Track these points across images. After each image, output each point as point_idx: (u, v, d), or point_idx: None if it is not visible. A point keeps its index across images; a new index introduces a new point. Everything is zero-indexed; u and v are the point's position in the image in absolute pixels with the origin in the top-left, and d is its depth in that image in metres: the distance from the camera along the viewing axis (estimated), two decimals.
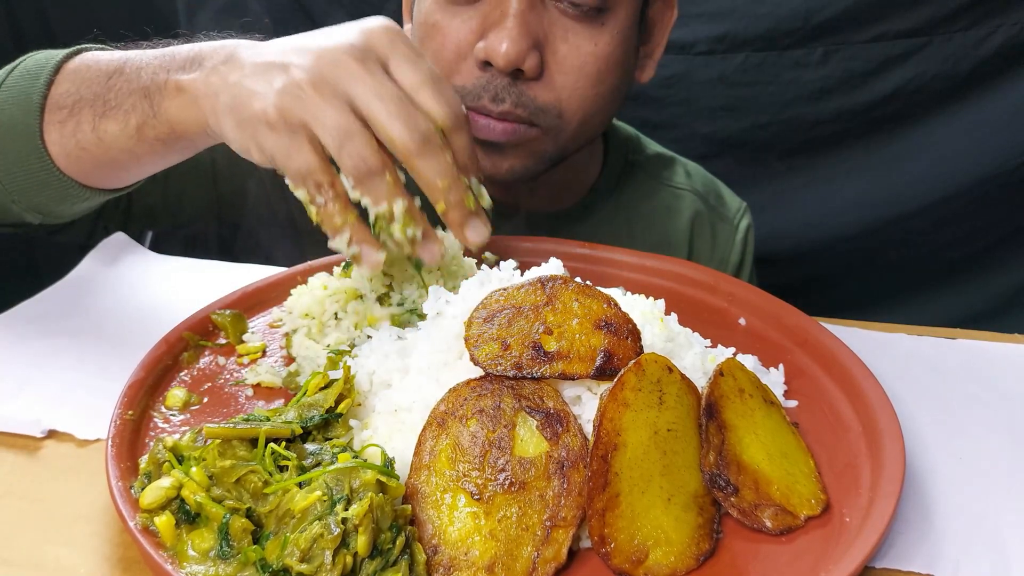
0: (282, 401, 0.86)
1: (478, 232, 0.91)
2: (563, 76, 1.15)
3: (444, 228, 0.94)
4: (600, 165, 1.46)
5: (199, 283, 1.12)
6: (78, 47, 1.05)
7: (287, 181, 0.87)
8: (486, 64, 1.13)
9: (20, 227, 1.11)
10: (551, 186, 1.34)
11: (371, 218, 0.86)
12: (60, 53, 1.03)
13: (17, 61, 1.07)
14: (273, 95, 0.83)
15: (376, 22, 0.88)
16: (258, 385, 0.88)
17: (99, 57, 1.02)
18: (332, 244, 0.87)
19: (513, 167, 1.20)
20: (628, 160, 1.49)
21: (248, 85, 0.85)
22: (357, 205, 0.86)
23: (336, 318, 0.96)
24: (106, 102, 0.97)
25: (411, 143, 0.82)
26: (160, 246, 1.28)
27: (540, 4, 1.13)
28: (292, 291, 1.00)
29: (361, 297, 0.96)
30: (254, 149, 0.86)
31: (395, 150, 0.83)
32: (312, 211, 0.86)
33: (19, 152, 1.00)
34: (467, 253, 1.00)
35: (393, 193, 0.85)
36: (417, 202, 0.88)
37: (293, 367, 0.91)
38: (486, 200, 0.93)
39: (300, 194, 0.86)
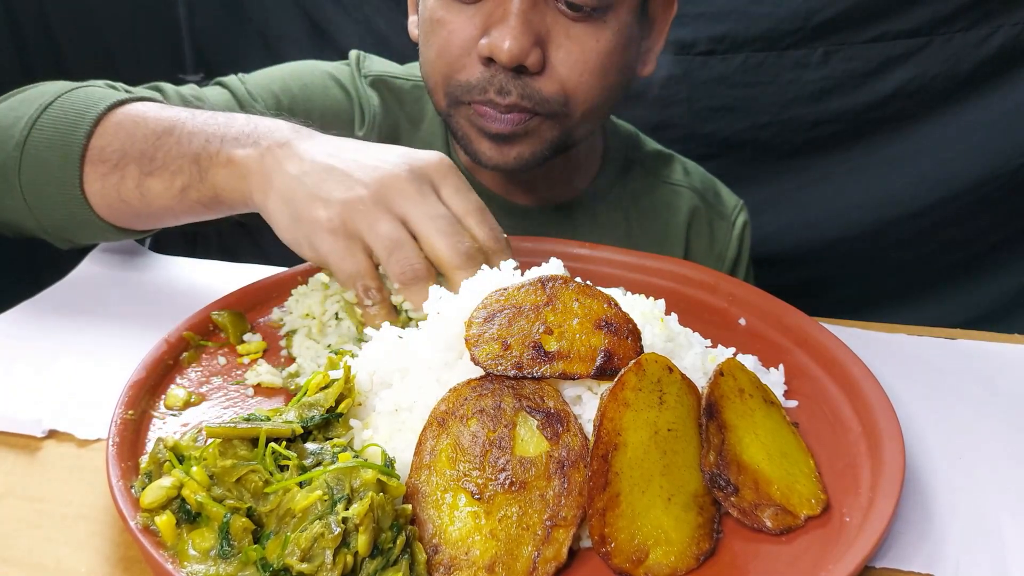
0: (282, 401, 0.86)
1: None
2: (567, 71, 1.18)
3: None
4: (599, 161, 1.47)
5: (199, 283, 1.12)
6: (125, 97, 1.08)
7: (336, 280, 0.94)
8: (489, 60, 1.15)
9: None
10: (551, 180, 1.36)
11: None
12: (104, 100, 1.06)
13: (38, 89, 1.11)
14: (337, 205, 0.89)
15: (432, 154, 0.95)
16: (258, 385, 0.88)
17: (147, 112, 1.05)
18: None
19: (520, 154, 1.23)
20: (627, 157, 1.51)
21: (310, 187, 0.91)
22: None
23: (336, 318, 0.96)
24: (152, 160, 1.01)
25: (456, 257, 0.89)
26: (160, 246, 1.28)
27: (542, 3, 1.15)
28: (292, 291, 1.00)
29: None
30: (306, 246, 0.92)
31: (440, 264, 0.90)
32: (358, 312, 0.93)
33: (58, 197, 1.05)
34: None
35: (421, 298, 0.90)
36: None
37: (293, 367, 0.91)
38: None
39: (349, 296, 0.94)
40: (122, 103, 1.07)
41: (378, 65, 1.47)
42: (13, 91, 1.16)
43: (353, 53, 1.47)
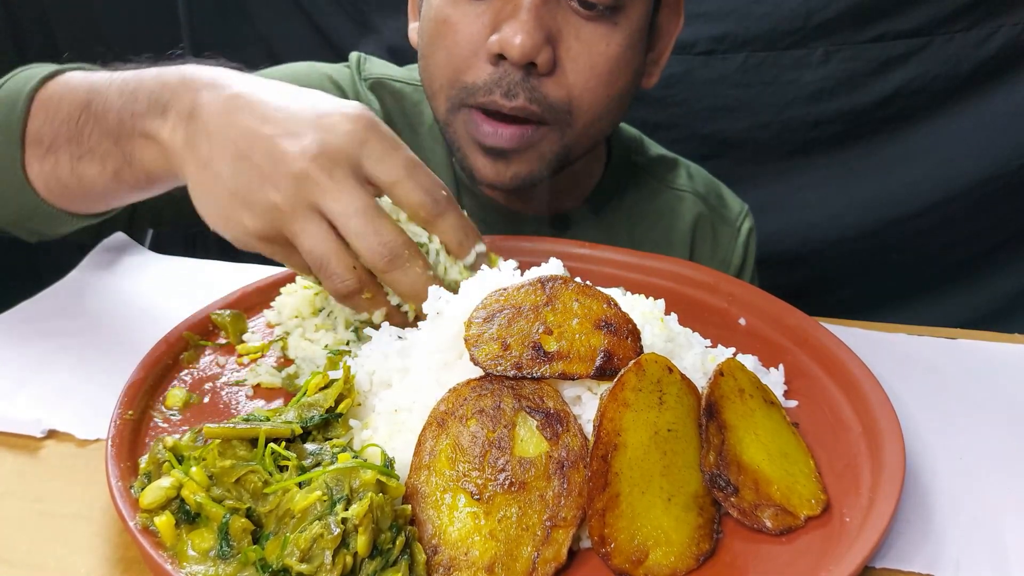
0: (282, 401, 0.86)
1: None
2: (576, 74, 1.16)
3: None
4: (603, 166, 1.46)
5: (199, 283, 1.12)
6: (53, 70, 1.05)
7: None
8: (499, 58, 1.13)
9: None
10: (554, 188, 1.34)
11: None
12: (36, 77, 1.04)
13: (8, 75, 1.09)
14: (260, 215, 0.85)
15: (351, 116, 0.87)
16: (258, 385, 0.88)
17: (70, 84, 1.02)
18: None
19: (518, 173, 1.20)
20: (631, 162, 1.49)
21: (227, 181, 0.85)
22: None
23: (330, 316, 0.96)
24: (80, 144, 0.98)
25: (379, 260, 0.85)
26: (160, 246, 1.28)
27: (554, 1, 1.13)
28: (281, 290, 1.00)
29: None
30: (240, 245, 0.89)
31: (367, 265, 0.86)
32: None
33: (5, 184, 1.03)
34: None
35: (373, 306, 0.89)
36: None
37: (292, 368, 0.91)
38: (496, 262, 0.96)
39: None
40: (52, 76, 1.04)
41: (378, 68, 1.45)
42: None
43: (354, 55, 1.46)
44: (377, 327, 0.89)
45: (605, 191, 1.44)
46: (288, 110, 0.87)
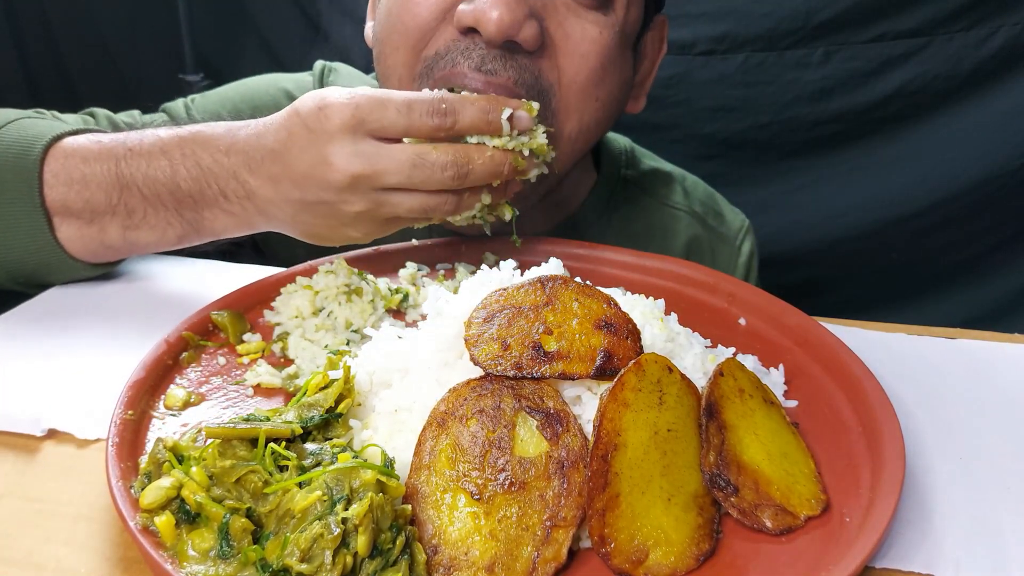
0: (281, 401, 0.86)
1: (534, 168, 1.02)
2: (567, 58, 1.05)
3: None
4: (591, 181, 1.38)
5: (199, 283, 1.12)
6: (51, 136, 1.04)
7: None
8: (470, 30, 1.00)
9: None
10: (538, 205, 1.23)
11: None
12: (34, 144, 1.02)
13: None
14: (353, 223, 0.97)
15: (324, 119, 0.92)
16: (258, 385, 0.88)
17: (85, 156, 1.02)
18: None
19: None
20: (621, 176, 1.41)
21: (314, 224, 0.98)
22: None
23: (330, 316, 0.96)
24: (131, 216, 1.02)
25: (455, 182, 0.94)
26: None
27: None
28: (281, 290, 1.00)
29: (349, 295, 0.97)
30: (356, 241, 1.02)
31: (449, 189, 0.95)
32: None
33: (27, 247, 1.04)
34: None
35: (477, 196, 0.99)
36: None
37: (292, 368, 0.91)
38: (541, 139, 1.01)
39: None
40: (55, 140, 1.04)
41: (344, 79, 1.40)
42: None
43: (318, 65, 1.42)
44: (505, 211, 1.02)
45: (592, 207, 1.36)
46: (292, 147, 0.94)
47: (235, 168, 0.98)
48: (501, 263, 0.92)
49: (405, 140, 0.94)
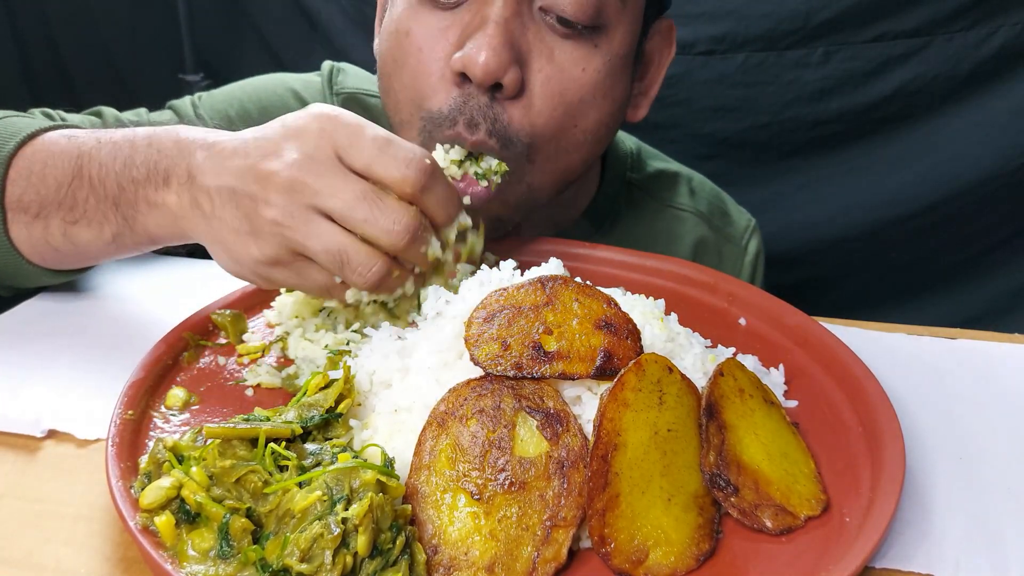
0: (281, 401, 0.86)
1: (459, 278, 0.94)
2: (543, 99, 1.05)
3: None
4: (596, 185, 1.37)
5: (199, 283, 1.12)
6: (28, 133, 1.01)
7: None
8: (463, 78, 1.03)
9: None
10: (541, 211, 1.21)
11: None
12: (10, 139, 1.00)
13: None
14: (263, 237, 0.84)
15: (305, 123, 0.86)
16: (258, 385, 0.88)
17: (53, 149, 0.99)
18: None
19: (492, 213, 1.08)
20: (626, 179, 1.41)
21: (225, 221, 0.86)
22: None
23: (329, 316, 0.96)
24: (73, 209, 0.97)
25: (398, 240, 0.84)
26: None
27: (527, 13, 1.03)
28: (281, 290, 1.00)
29: None
30: (261, 282, 0.90)
31: (385, 248, 0.85)
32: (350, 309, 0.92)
33: None
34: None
35: (403, 280, 0.89)
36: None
37: (292, 368, 0.91)
38: (479, 247, 0.96)
39: (329, 304, 0.92)
40: (32, 137, 1.01)
41: (352, 80, 1.38)
42: None
43: (326, 65, 1.40)
44: (418, 305, 0.91)
45: (598, 211, 1.35)
46: (261, 137, 0.87)
47: (194, 146, 0.90)
48: (501, 263, 0.92)
49: None
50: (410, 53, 1.07)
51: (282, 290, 1.00)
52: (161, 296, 1.11)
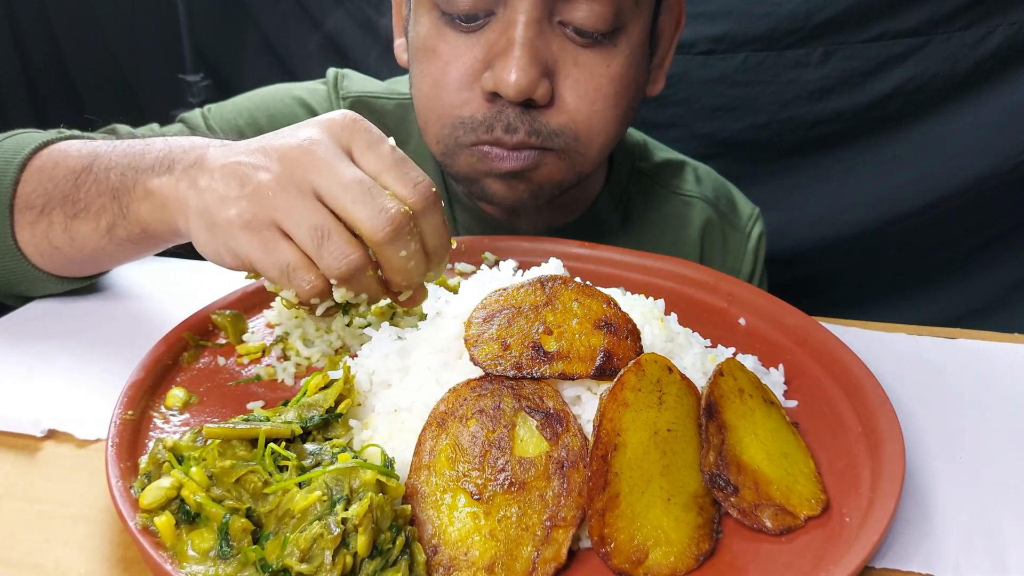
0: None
1: (417, 300, 0.91)
2: (577, 100, 1.12)
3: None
4: (605, 174, 1.42)
5: (199, 283, 1.12)
6: (46, 139, 1.03)
7: (265, 283, 0.85)
8: (494, 95, 1.10)
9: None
10: (554, 202, 1.28)
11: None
12: (28, 145, 1.02)
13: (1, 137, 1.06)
14: (246, 197, 0.81)
15: (335, 115, 0.85)
16: (263, 406, 0.88)
17: (67, 152, 1.00)
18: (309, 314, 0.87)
19: (530, 189, 1.18)
20: (635, 168, 1.46)
21: (217, 190, 0.83)
22: None
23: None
24: (75, 203, 0.97)
25: (378, 229, 0.79)
26: None
27: (549, 29, 1.08)
28: (280, 292, 1.00)
29: None
30: (226, 253, 0.84)
31: (365, 239, 0.81)
32: (294, 302, 0.85)
33: None
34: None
35: (378, 289, 0.85)
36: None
37: (292, 368, 0.91)
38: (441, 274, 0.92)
39: (286, 294, 0.84)
40: (47, 144, 1.02)
41: (357, 85, 1.40)
42: None
43: (331, 72, 1.42)
44: (364, 315, 0.87)
45: (608, 200, 1.40)
46: (291, 128, 0.86)
47: (211, 144, 0.90)
48: (501, 263, 0.92)
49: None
50: (439, 67, 1.12)
51: (280, 292, 1.00)
52: (161, 296, 1.11)
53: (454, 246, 0.91)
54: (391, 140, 0.86)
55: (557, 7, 1.08)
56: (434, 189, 0.85)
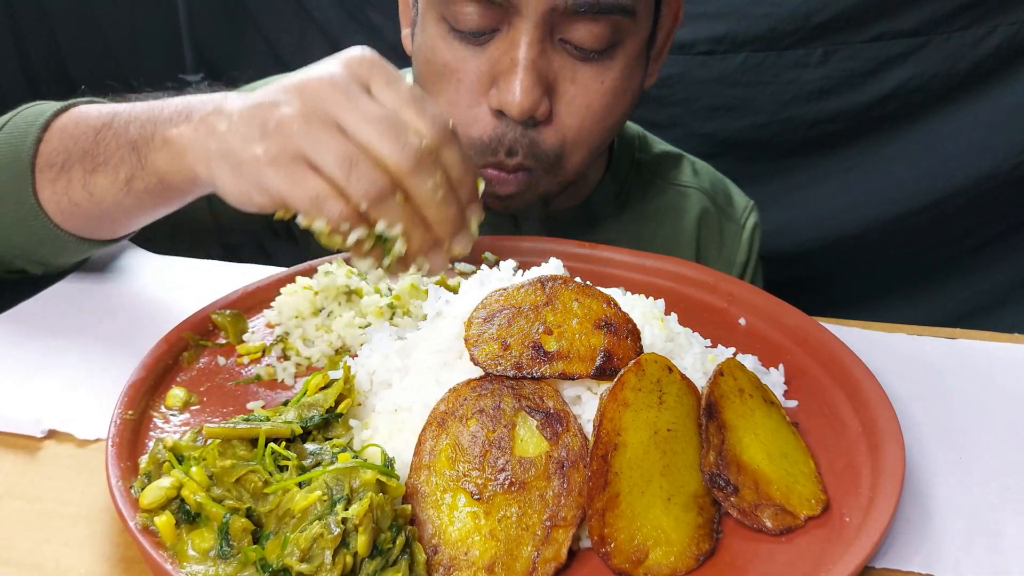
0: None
1: (464, 244, 0.88)
2: (570, 117, 1.14)
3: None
4: (605, 165, 1.44)
5: (199, 283, 1.12)
6: (69, 103, 1.05)
7: (299, 220, 0.84)
8: (500, 112, 1.12)
9: (25, 273, 1.12)
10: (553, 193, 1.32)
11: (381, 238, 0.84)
12: (50, 109, 1.04)
13: (15, 111, 1.08)
14: (271, 134, 0.81)
15: (353, 51, 0.86)
16: (262, 406, 0.88)
17: (88, 112, 1.02)
18: (357, 264, 0.85)
19: (516, 205, 1.22)
20: (634, 159, 1.48)
21: (239, 131, 0.83)
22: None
23: (329, 316, 0.96)
24: (95, 157, 0.97)
25: (404, 160, 0.80)
26: (159, 246, 1.28)
27: (550, 47, 1.11)
28: (281, 290, 1.00)
29: (349, 295, 0.97)
30: (255, 192, 0.83)
31: (390, 172, 0.81)
32: (337, 239, 0.83)
33: (16, 213, 1.02)
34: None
35: (411, 218, 0.84)
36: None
37: (292, 368, 0.91)
38: (479, 216, 0.90)
39: (318, 225, 0.82)
40: (69, 107, 1.04)
41: None
42: None
43: None
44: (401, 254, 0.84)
45: (607, 190, 1.42)
46: (308, 68, 0.86)
47: (229, 94, 0.90)
48: (501, 263, 0.92)
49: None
50: (448, 81, 1.14)
51: (282, 290, 1.00)
52: (161, 296, 1.11)
53: (481, 187, 0.89)
54: (409, 76, 0.86)
55: (559, 26, 1.09)
56: (452, 124, 0.85)
